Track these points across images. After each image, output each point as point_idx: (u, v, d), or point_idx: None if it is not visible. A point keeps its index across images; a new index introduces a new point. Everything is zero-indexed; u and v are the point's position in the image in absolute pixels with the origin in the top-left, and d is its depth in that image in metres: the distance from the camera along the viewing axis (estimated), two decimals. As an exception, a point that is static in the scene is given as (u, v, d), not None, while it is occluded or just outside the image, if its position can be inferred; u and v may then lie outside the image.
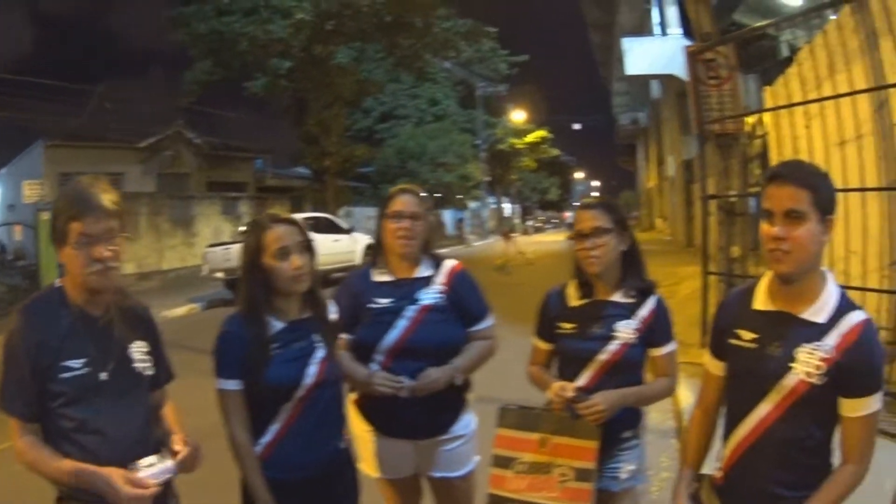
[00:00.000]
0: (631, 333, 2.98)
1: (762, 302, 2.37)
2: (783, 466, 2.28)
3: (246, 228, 3.00)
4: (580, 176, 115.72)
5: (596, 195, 3.55)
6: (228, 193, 29.32)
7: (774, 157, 9.77)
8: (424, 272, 3.36)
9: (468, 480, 3.45)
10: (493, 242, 41.65)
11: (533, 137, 61.74)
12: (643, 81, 39.84)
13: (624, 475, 3.03)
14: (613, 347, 2.97)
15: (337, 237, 21.03)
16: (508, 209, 69.43)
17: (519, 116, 59.45)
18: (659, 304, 3.07)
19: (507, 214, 64.99)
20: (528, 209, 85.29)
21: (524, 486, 2.94)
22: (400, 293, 3.29)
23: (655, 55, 26.48)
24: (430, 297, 3.30)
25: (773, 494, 2.29)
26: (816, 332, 2.23)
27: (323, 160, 29.89)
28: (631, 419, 3.08)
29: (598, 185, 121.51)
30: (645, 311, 3.02)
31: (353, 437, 3.14)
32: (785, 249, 2.18)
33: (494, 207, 64.27)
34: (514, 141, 59.28)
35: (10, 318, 2.40)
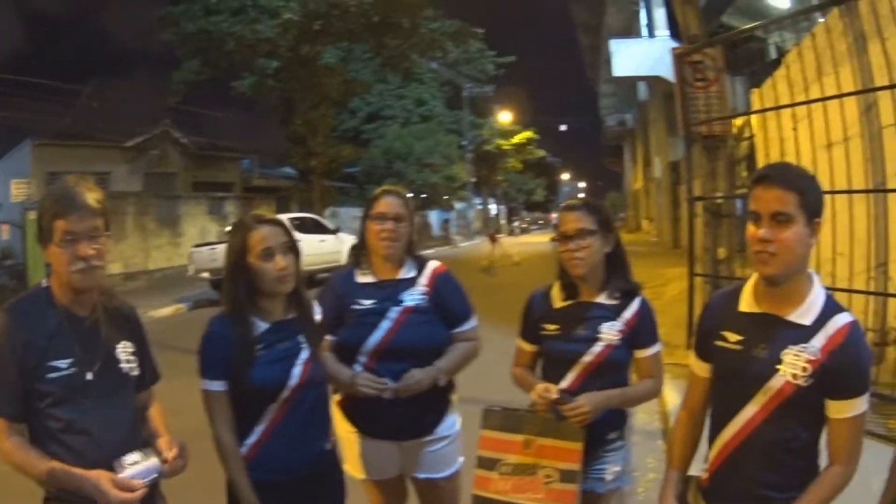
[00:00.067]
0: (615, 335, 2.97)
1: (748, 304, 2.37)
2: (769, 468, 2.27)
3: (231, 229, 2.98)
4: (566, 177, 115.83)
5: (581, 196, 3.53)
6: (215, 193, 29.25)
7: (761, 159, 9.82)
8: (408, 273, 3.36)
9: (453, 481, 3.45)
10: (479, 243, 41.66)
11: (519, 138, 61.73)
12: (630, 83, 39.93)
13: (609, 476, 3.02)
14: (598, 349, 2.96)
15: (323, 237, 21.09)
16: (494, 210, 69.46)
17: (505, 117, 59.50)
18: (643, 305, 3.06)
19: (492, 215, 65.04)
20: (514, 210, 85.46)
21: (509, 487, 2.92)
22: (383, 294, 3.29)
23: (643, 57, 26.64)
24: (413, 298, 3.29)
25: (759, 496, 2.28)
26: (803, 334, 2.22)
27: (309, 160, 29.91)
28: (616, 420, 3.07)
29: (584, 186, 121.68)
30: (629, 312, 3.02)
31: (337, 438, 3.13)
32: (771, 252, 2.17)
33: (480, 208, 64.34)
34: (500, 142, 59.24)
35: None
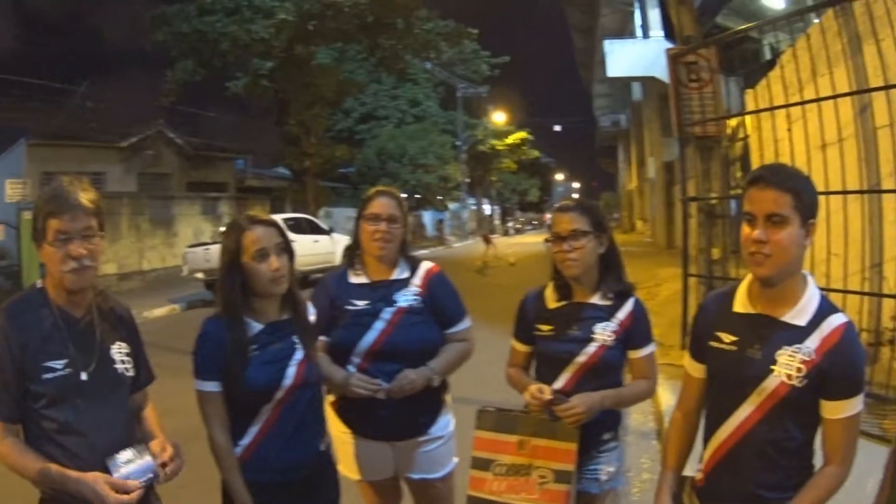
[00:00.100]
0: (609, 335, 2.97)
1: (742, 305, 2.37)
2: (764, 468, 2.27)
3: (225, 230, 2.98)
4: (561, 178, 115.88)
5: (575, 197, 3.53)
6: (209, 194, 29.12)
7: (756, 160, 9.80)
8: (401, 274, 3.36)
9: (447, 482, 3.45)
10: (473, 244, 41.67)
11: (513, 139, 61.83)
12: (624, 83, 40.02)
13: (604, 477, 3.02)
14: (591, 349, 2.96)
15: (317, 238, 21.13)
16: (488, 210, 69.48)
17: (500, 118, 59.62)
18: (637, 306, 3.06)
19: (486, 216, 65.06)
20: (508, 210, 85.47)
21: (503, 487, 2.92)
22: (377, 295, 3.29)
23: (637, 57, 26.70)
24: (406, 299, 3.29)
25: (754, 496, 2.28)
26: (797, 334, 2.23)
27: (303, 161, 29.84)
28: (611, 421, 3.06)
29: (578, 186, 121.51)
30: (623, 313, 3.01)
31: (331, 439, 3.12)
32: (766, 253, 2.17)
33: (474, 209, 64.36)
34: (494, 142, 59.33)
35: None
